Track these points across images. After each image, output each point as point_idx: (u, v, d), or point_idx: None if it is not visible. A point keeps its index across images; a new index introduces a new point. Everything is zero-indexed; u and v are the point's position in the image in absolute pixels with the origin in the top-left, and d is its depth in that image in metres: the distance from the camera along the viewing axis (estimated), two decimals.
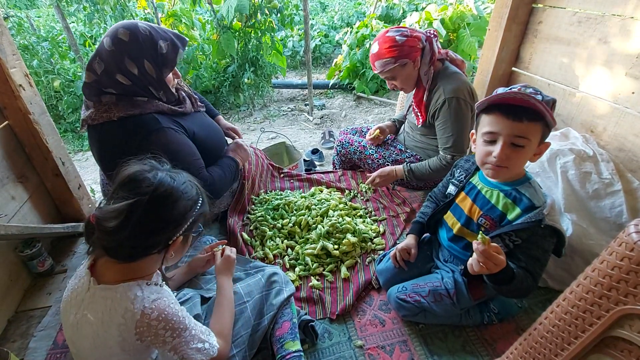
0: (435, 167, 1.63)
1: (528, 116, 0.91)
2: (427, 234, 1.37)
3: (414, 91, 1.69)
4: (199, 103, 1.54)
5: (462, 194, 1.17)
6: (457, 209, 1.18)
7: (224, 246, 1.15)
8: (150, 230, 0.74)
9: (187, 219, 0.79)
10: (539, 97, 0.91)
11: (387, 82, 1.68)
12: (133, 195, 0.72)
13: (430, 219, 1.29)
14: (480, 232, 0.88)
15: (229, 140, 1.79)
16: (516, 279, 0.93)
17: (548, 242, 0.99)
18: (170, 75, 1.33)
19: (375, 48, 1.56)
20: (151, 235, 0.75)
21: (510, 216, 1.03)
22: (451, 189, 1.24)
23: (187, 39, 1.37)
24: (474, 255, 0.88)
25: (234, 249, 1.14)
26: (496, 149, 0.95)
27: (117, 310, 0.72)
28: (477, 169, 1.15)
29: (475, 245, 0.87)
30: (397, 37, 1.50)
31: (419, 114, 1.69)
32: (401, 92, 2.53)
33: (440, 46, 1.63)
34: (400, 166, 1.73)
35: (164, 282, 0.84)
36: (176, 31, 1.31)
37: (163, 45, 1.23)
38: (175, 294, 1.07)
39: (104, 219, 0.71)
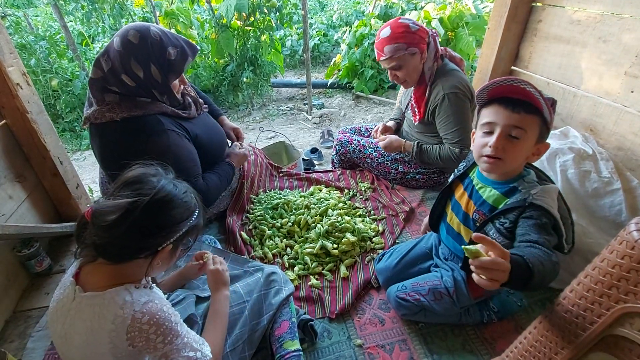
0: (443, 156, 1.64)
1: (525, 109, 0.94)
2: (431, 231, 1.36)
3: (412, 88, 1.69)
4: (203, 106, 1.53)
5: (461, 190, 1.17)
6: (456, 205, 1.18)
7: (209, 256, 1.07)
8: (144, 232, 0.74)
9: (180, 228, 0.79)
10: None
11: (389, 72, 1.63)
12: (135, 195, 0.73)
13: (432, 214, 1.29)
14: (464, 247, 0.74)
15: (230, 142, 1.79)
16: (534, 268, 0.76)
17: (542, 218, 0.91)
18: (176, 81, 1.32)
19: (386, 32, 1.51)
20: (143, 238, 0.74)
21: (500, 207, 1.02)
22: (451, 177, 1.24)
23: (199, 48, 1.37)
24: (475, 274, 0.73)
25: (221, 259, 1.07)
26: (492, 139, 0.96)
27: (107, 317, 0.71)
28: (475, 162, 1.15)
29: (471, 262, 0.73)
30: (411, 25, 1.51)
31: (416, 110, 1.69)
32: (399, 93, 2.52)
33: (439, 45, 1.64)
34: (411, 142, 1.74)
35: (154, 285, 0.82)
36: (188, 39, 1.31)
37: (172, 52, 1.22)
38: (168, 295, 1.05)
39: (102, 213, 0.71)
